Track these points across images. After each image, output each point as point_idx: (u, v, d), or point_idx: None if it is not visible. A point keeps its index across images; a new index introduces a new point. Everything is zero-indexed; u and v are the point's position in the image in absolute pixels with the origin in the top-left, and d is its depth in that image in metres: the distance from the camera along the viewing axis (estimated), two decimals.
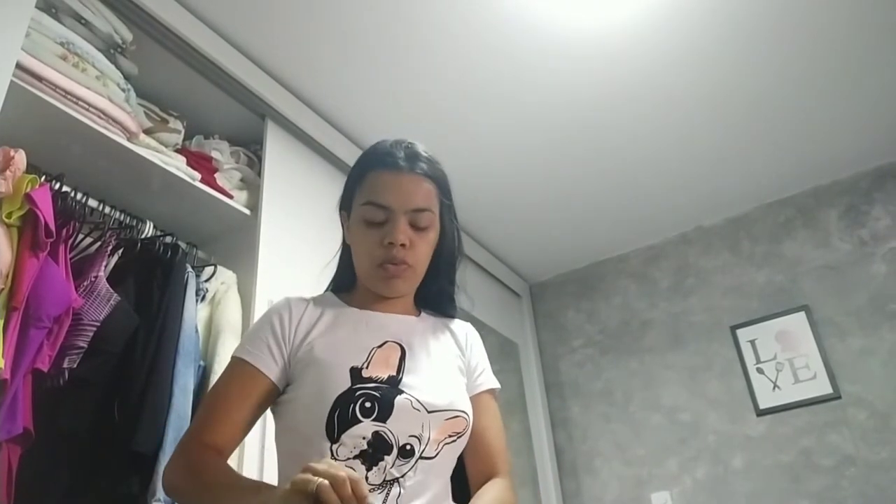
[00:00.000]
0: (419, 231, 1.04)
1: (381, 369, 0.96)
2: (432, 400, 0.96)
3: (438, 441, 0.95)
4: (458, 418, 0.98)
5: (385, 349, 1.00)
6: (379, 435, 0.90)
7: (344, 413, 0.90)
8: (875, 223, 2.72)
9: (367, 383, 0.94)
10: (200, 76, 1.88)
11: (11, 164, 1.25)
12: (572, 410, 3.14)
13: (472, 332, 1.19)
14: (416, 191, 1.04)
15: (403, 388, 0.95)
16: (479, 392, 1.10)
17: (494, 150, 2.51)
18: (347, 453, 0.89)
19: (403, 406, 0.93)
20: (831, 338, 2.64)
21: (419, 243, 1.04)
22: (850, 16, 2.05)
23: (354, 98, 2.20)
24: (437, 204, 1.07)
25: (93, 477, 1.31)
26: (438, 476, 0.97)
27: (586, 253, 3.32)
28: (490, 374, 1.15)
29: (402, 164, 1.05)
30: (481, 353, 1.17)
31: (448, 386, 1.02)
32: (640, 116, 2.41)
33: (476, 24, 1.98)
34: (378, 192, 1.04)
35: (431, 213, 1.05)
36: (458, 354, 1.12)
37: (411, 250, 1.02)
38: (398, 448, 0.91)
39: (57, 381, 1.28)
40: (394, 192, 1.03)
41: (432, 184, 1.07)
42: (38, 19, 1.42)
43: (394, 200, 1.02)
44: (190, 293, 1.58)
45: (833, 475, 2.46)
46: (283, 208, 1.95)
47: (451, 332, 1.15)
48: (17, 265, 1.22)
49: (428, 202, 1.05)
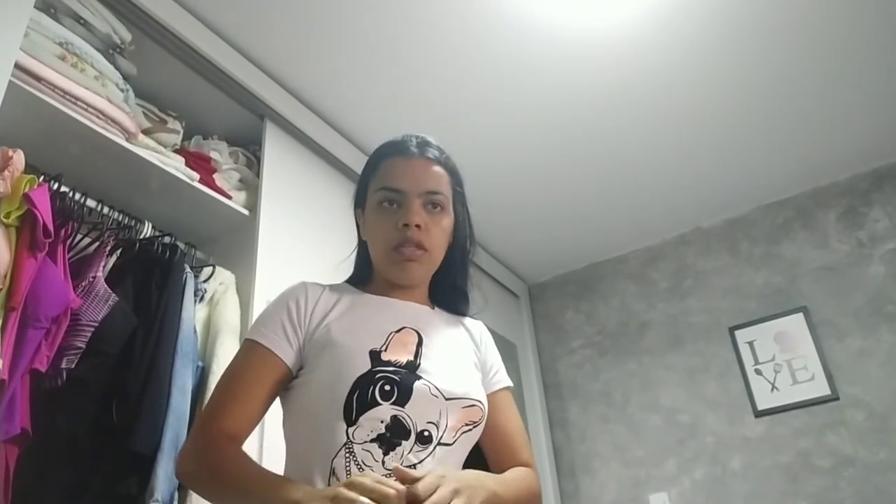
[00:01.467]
0: (433, 214, 1.05)
1: (400, 353, 0.96)
2: (450, 388, 0.95)
3: (455, 429, 0.95)
4: (474, 407, 0.98)
5: (402, 334, 1.00)
6: (397, 419, 0.89)
7: (363, 395, 0.89)
8: (873, 225, 2.72)
9: (386, 366, 0.93)
10: (199, 77, 1.88)
11: (10, 164, 1.25)
12: (571, 411, 3.14)
13: (486, 332, 1.20)
14: (429, 174, 1.07)
15: (422, 374, 0.95)
16: (496, 390, 1.11)
17: (493, 150, 2.51)
18: (364, 436, 0.88)
19: (422, 391, 0.92)
20: (829, 339, 2.65)
21: (433, 227, 1.04)
22: (849, 17, 2.05)
23: (353, 99, 2.20)
24: (450, 190, 1.09)
25: (91, 477, 1.30)
26: (454, 465, 0.96)
27: (585, 254, 3.32)
28: (505, 372, 1.16)
29: (413, 150, 1.08)
30: (495, 353, 1.18)
31: (464, 375, 1.02)
32: (639, 117, 2.41)
33: (476, 25, 1.99)
34: (391, 176, 1.06)
35: (444, 196, 1.07)
36: (474, 349, 1.13)
37: (426, 233, 1.03)
38: (416, 434, 0.90)
39: (55, 381, 1.28)
40: (407, 176, 1.05)
41: (444, 169, 1.09)
42: (36, 19, 1.42)
43: (407, 183, 1.04)
44: (188, 293, 1.58)
45: (831, 476, 2.46)
46: (281, 209, 1.95)
47: (466, 328, 1.16)
48: (16, 265, 1.22)
49: (440, 185, 1.07)
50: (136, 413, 1.34)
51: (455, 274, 1.15)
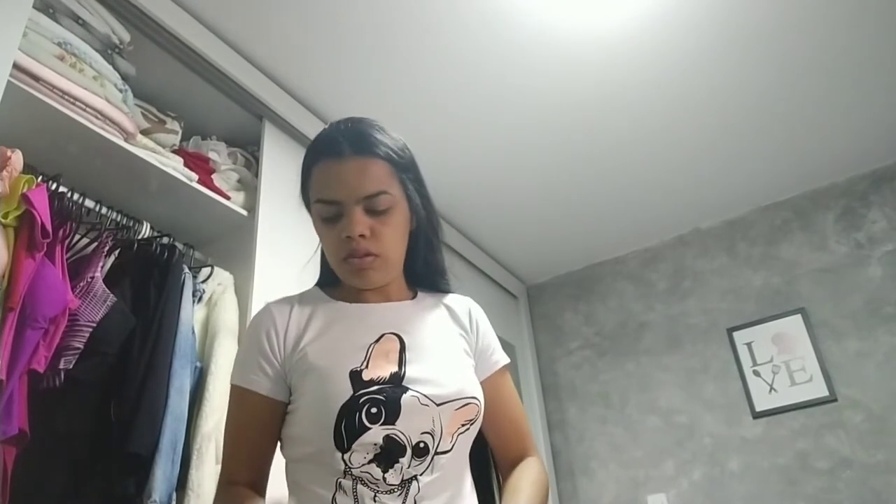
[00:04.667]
0: (379, 216, 0.97)
1: (382, 367, 0.92)
2: (439, 391, 0.92)
3: (452, 433, 0.92)
4: (469, 406, 0.94)
5: (382, 343, 0.96)
6: (390, 438, 0.87)
7: (350, 422, 0.87)
8: (871, 226, 2.73)
9: (369, 387, 0.90)
10: (198, 77, 1.87)
11: (8, 165, 1.25)
12: (569, 412, 3.14)
13: (476, 309, 1.14)
14: (365, 176, 0.96)
15: (408, 385, 0.91)
16: (494, 371, 1.08)
17: (492, 151, 2.51)
18: (361, 460, 0.87)
19: (411, 404, 0.89)
20: (827, 340, 2.65)
21: (382, 230, 0.97)
22: (848, 18, 2.06)
23: (352, 99, 2.20)
24: (396, 182, 0.99)
25: (89, 478, 1.30)
26: (456, 468, 0.95)
27: (583, 255, 3.32)
28: (501, 350, 1.11)
29: (344, 149, 0.97)
30: (489, 331, 1.12)
31: (454, 372, 0.98)
32: (637, 119, 2.41)
33: (475, 26, 1.99)
34: (324, 186, 0.98)
35: (388, 194, 0.97)
36: (461, 334, 1.07)
37: (373, 239, 0.96)
38: (412, 448, 0.88)
39: (53, 381, 1.27)
40: (340, 184, 0.96)
41: (384, 162, 0.98)
42: (35, 19, 1.42)
43: (342, 192, 0.96)
44: (187, 294, 1.58)
45: (829, 477, 2.46)
46: (280, 209, 1.95)
47: (450, 311, 1.10)
48: (14, 266, 1.22)
49: (381, 184, 0.97)
50: (133, 414, 1.34)
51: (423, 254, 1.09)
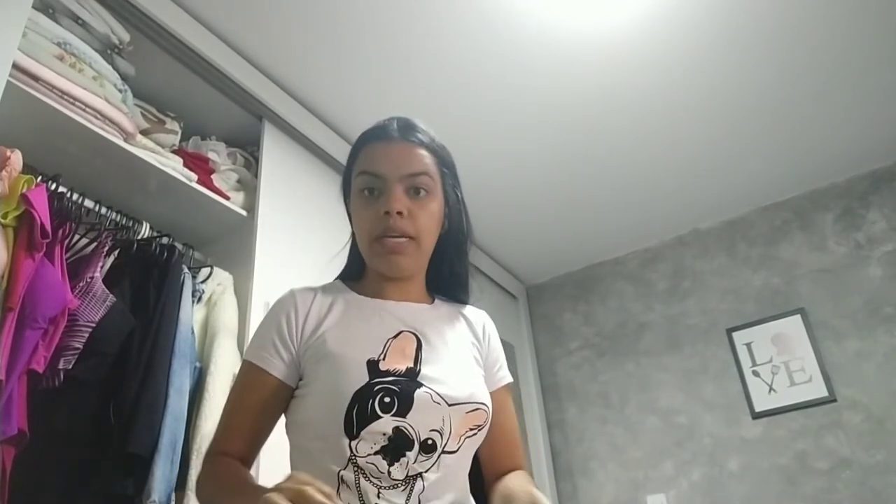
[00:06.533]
0: (418, 199, 0.99)
1: (399, 361, 0.93)
2: (452, 393, 0.93)
3: (460, 435, 0.92)
4: (478, 411, 0.95)
5: (400, 339, 0.97)
6: (399, 430, 0.88)
7: (363, 409, 0.88)
8: (871, 227, 2.73)
9: (385, 377, 0.90)
10: (198, 77, 1.87)
11: (8, 165, 1.25)
12: (568, 412, 3.14)
13: (489, 323, 1.15)
14: (411, 157, 1.01)
15: (423, 381, 0.92)
16: (498, 387, 1.09)
17: (492, 151, 2.51)
18: (368, 449, 0.87)
19: (423, 399, 0.90)
20: (827, 341, 2.65)
21: (419, 213, 0.98)
22: (847, 19, 2.06)
23: (352, 100, 2.20)
24: (437, 171, 1.03)
25: (88, 478, 1.30)
26: (460, 469, 0.95)
27: (583, 255, 3.32)
28: (507, 368, 1.13)
29: (394, 133, 1.03)
30: (499, 347, 1.14)
31: (467, 377, 0.99)
32: (637, 119, 2.41)
33: (474, 27, 1.99)
34: (370, 161, 1.01)
35: (429, 177, 1.00)
36: (475, 343, 1.09)
37: (410, 220, 0.97)
38: (419, 443, 0.88)
39: (52, 382, 1.28)
40: (387, 159, 1.00)
41: (428, 151, 1.03)
42: (35, 20, 1.42)
43: (387, 167, 0.99)
44: (186, 294, 1.58)
45: (828, 478, 2.47)
46: (279, 210, 1.95)
47: (467, 320, 1.11)
48: (13, 266, 1.22)
49: (424, 167, 1.01)
50: (132, 414, 1.34)
51: (451, 260, 1.10)
